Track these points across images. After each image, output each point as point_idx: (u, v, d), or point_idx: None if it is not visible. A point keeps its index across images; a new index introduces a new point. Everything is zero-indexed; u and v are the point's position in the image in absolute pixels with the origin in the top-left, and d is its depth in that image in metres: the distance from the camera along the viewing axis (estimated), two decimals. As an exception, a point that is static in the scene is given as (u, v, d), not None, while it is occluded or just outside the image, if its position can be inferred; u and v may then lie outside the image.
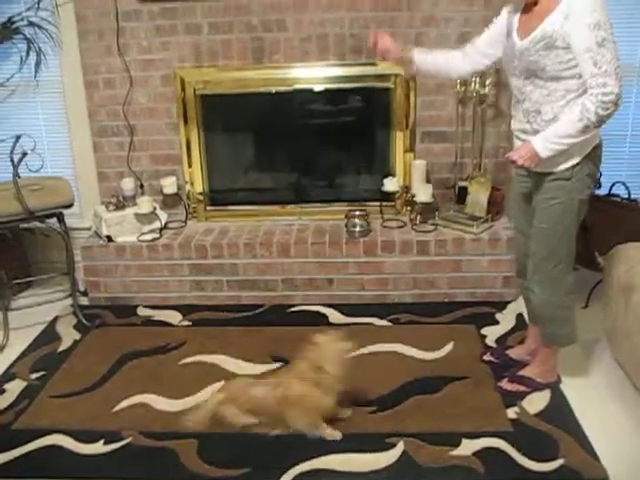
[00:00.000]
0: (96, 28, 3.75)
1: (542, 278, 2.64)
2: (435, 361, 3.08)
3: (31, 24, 3.82)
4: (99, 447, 2.59)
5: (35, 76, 3.94)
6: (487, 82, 3.58)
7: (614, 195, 3.62)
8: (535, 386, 2.81)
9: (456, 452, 2.47)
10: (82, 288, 3.82)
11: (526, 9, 2.45)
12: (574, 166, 2.45)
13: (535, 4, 2.39)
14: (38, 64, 3.90)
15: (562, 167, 2.46)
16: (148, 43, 3.77)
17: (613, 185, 3.60)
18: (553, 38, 2.30)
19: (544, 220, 2.56)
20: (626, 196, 3.58)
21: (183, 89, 3.81)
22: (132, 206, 3.80)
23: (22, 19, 3.82)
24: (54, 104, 4.07)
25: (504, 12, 2.60)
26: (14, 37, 3.84)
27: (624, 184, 3.57)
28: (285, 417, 2.57)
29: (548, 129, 2.40)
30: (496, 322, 3.41)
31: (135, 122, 3.91)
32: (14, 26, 3.81)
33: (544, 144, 2.39)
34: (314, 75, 3.77)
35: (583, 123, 2.29)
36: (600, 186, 3.53)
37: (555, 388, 2.82)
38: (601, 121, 2.29)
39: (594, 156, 2.48)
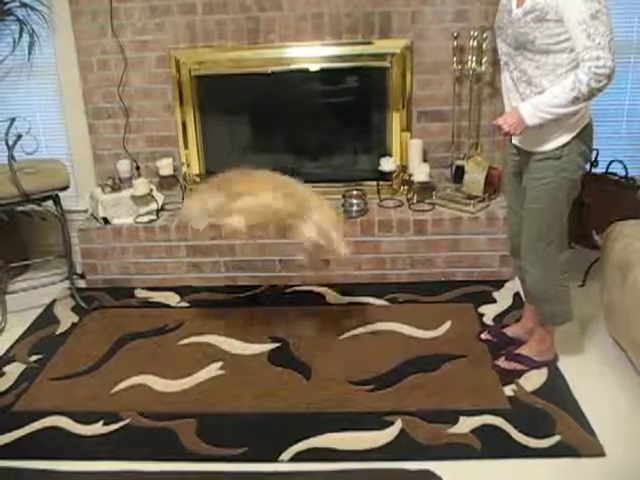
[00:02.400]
0: (89, 9, 3.72)
1: (535, 258, 2.64)
2: (433, 340, 3.09)
3: (23, 5, 3.78)
4: (98, 428, 2.60)
5: (28, 58, 3.91)
6: (483, 60, 3.56)
7: (611, 173, 3.62)
8: (532, 364, 2.82)
9: (454, 430, 2.48)
10: (79, 271, 3.82)
11: None
12: (564, 145, 2.44)
13: None
14: (31, 46, 3.87)
15: (552, 146, 2.45)
16: (142, 24, 3.73)
17: (610, 163, 3.60)
18: (544, 11, 2.27)
19: (535, 200, 2.55)
20: (623, 174, 3.58)
21: (178, 70, 3.78)
22: (128, 188, 3.79)
23: (14, 0, 3.78)
24: (48, 86, 4.05)
25: None
26: (6, 19, 3.81)
27: (621, 162, 3.57)
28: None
29: (537, 97, 2.38)
30: (493, 301, 3.42)
31: (130, 104, 3.89)
32: (6, 7, 3.78)
33: (532, 111, 2.37)
34: (310, 55, 3.74)
35: (574, 94, 2.27)
36: (597, 164, 3.53)
37: (552, 366, 2.84)
38: (591, 94, 2.27)
39: (584, 135, 2.46)
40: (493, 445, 2.40)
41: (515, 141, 2.60)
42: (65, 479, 2.35)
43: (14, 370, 3.04)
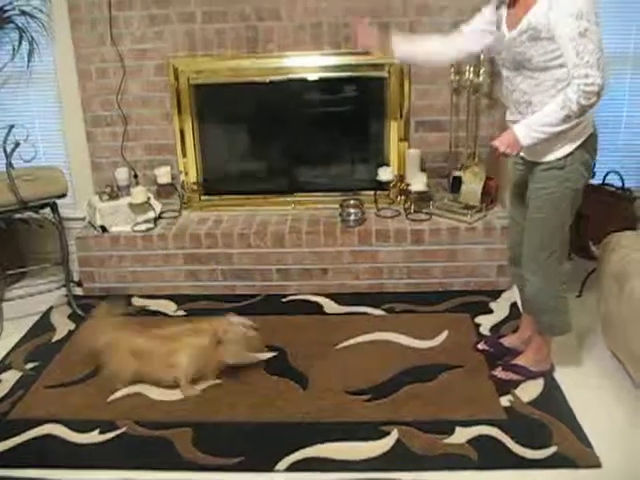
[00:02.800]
0: (89, 17, 3.73)
1: (536, 268, 2.64)
2: (429, 350, 3.09)
3: (23, 13, 3.80)
4: (94, 437, 2.59)
5: (28, 66, 3.92)
6: (481, 71, 3.58)
7: (608, 184, 3.63)
8: (529, 374, 2.82)
9: (450, 440, 2.48)
10: (76, 278, 3.81)
11: (512, 1, 2.43)
12: (567, 155, 2.44)
13: None
14: (30, 53, 3.88)
15: (556, 156, 2.46)
16: (141, 32, 3.75)
17: (607, 174, 3.61)
18: (537, 29, 2.29)
19: (538, 209, 2.56)
20: (620, 185, 3.59)
21: (177, 78, 3.79)
22: (126, 196, 3.79)
23: (14, 8, 3.80)
24: (47, 93, 4.05)
25: (492, 2, 2.59)
26: (6, 26, 3.82)
27: (618, 173, 3.58)
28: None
29: (530, 117, 2.41)
30: (490, 311, 3.42)
31: (129, 112, 3.90)
32: (6, 15, 3.79)
33: (526, 131, 2.39)
34: (308, 64, 3.76)
35: (564, 112, 2.29)
36: (594, 175, 3.54)
37: (549, 376, 2.83)
38: (582, 111, 2.29)
39: (588, 145, 2.47)
40: (489, 456, 2.40)
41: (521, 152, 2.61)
42: (60, 488, 2.35)
43: (10, 378, 3.03)
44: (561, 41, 2.26)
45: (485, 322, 3.31)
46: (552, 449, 2.40)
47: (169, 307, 3.61)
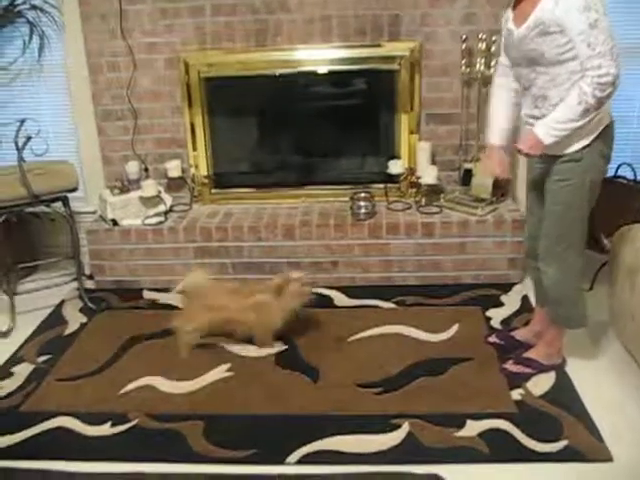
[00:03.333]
0: (99, 11, 3.73)
1: (554, 260, 2.63)
2: (440, 343, 3.09)
3: (34, 7, 3.80)
4: (106, 429, 2.61)
5: (38, 60, 3.94)
6: (492, 63, 3.55)
7: (620, 177, 3.60)
8: (540, 368, 2.81)
9: (461, 433, 2.48)
10: (88, 272, 3.83)
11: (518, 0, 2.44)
12: (585, 147, 2.43)
13: None
14: (41, 48, 3.89)
15: (573, 148, 2.45)
16: (151, 26, 3.75)
17: (619, 167, 3.59)
18: (546, 24, 2.29)
19: (556, 202, 2.55)
20: (632, 178, 3.57)
21: (187, 72, 3.79)
22: (137, 190, 3.80)
23: (24, 2, 3.80)
24: (58, 88, 4.07)
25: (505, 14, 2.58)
26: (17, 20, 3.83)
27: (630, 166, 3.55)
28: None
29: (549, 115, 2.40)
30: (501, 304, 3.41)
31: (139, 105, 3.90)
32: (17, 9, 3.80)
33: (546, 130, 2.39)
34: (318, 57, 3.74)
35: (582, 107, 2.28)
36: (608, 168, 3.52)
37: (560, 370, 2.83)
38: (600, 102, 2.28)
39: (605, 136, 2.46)
40: (500, 449, 2.39)
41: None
42: (73, 480, 2.36)
43: (22, 371, 3.05)
44: (571, 34, 2.25)
45: (496, 315, 3.30)
46: (563, 443, 2.40)
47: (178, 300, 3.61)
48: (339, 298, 3.57)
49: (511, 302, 3.42)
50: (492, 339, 3.06)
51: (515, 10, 2.47)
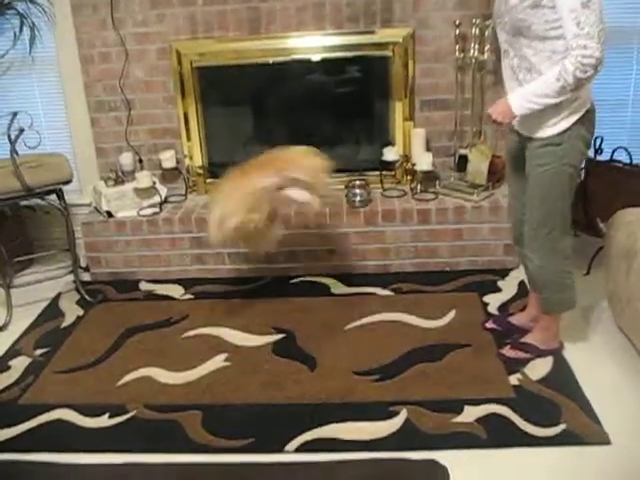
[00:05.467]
0: (90, 1, 3.70)
1: (537, 245, 2.62)
2: (437, 329, 3.09)
3: (24, -1, 3.78)
4: (104, 421, 2.61)
5: (30, 52, 3.91)
6: (486, 48, 3.54)
7: (616, 161, 3.60)
8: (537, 352, 2.82)
9: (459, 419, 2.48)
10: (84, 264, 3.82)
11: None
12: (564, 131, 2.41)
13: None
14: (32, 39, 3.87)
15: (552, 132, 2.43)
16: (143, 16, 3.72)
17: (615, 151, 3.58)
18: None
19: (537, 186, 2.54)
20: (628, 162, 3.56)
21: (179, 62, 3.77)
22: (131, 181, 3.79)
23: (14, -6, 3.78)
24: (50, 80, 4.04)
25: None
26: (7, 12, 3.80)
27: (626, 149, 3.54)
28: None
29: (525, 86, 2.39)
30: (498, 290, 3.41)
31: (132, 96, 3.88)
32: (6, 1, 3.77)
33: (520, 102, 2.38)
34: (311, 45, 3.72)
35: (560, 84, 2.26)
36: (602, 152, 3.52)
37: (557, 354, 2.83)
38: (579, 84, 2.26)
39: (586, 121, 2.44)
40: (498, 434, 2.40)
41: (516, 126, 2.59)
42: (71, 471, 2.36)
43: (20, 364, 3.05)
44: (562, 11, 2.22)
45: (493, 301, 3.31)
46: (561, 427, 2.40)
47: (176, 291, 3.62)
48: (336, 286, 3.56)
49: (508, 287, 3.43)
50: (489, 325, 3.06)
51: None
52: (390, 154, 3.74)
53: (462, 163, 3.77)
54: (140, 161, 3.98)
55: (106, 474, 2.35)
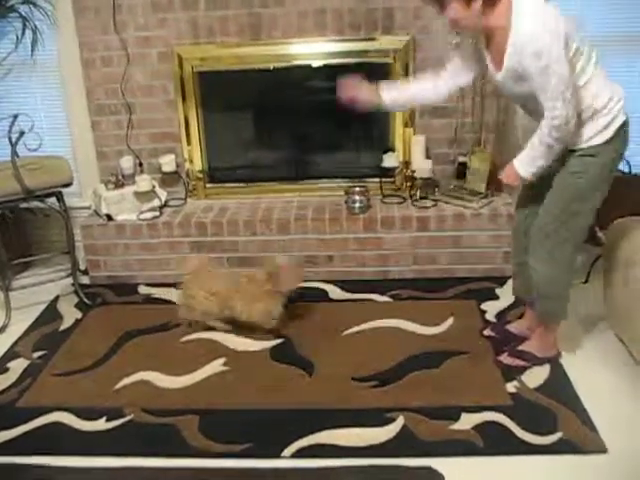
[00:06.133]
0: (92, 5, 3.71)
1: (545, 254, 2.61)
2: (435, 336, 3.09)
3: (26, 2, 3.78)
4: (101, 424, 2.61)
5: (31, 55, 3.91)
6: (487, 56, 3.55)
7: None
8: (535, 360, 2.82)
9: (456, 426, 2.48)
10: (83, 267, 3.82)
11: (487, 42, 2.48)
12: (602, 143, 2.44)
13: (492, 37, 2.43)
14: (34, 42, 3.87)
15: (590, 144, 2.45)
16: (145, 20, 3.73)
17: (614, 159, 3.59)
18: (517, 72, 2.34)
19: (563, 194, 2.53)
20: (627, 171, 3.57)
21: (181, 66, 3.78)
22: (131, 184, 3.79)
23: (17, -3, 3.79)
24: (51, 83, 4.05)
25: (463, 37, 2.65)
26: (9, 15, 3.81)
27: (625, 159, 3.55)
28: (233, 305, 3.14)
29: (522, 152, 2.49)
30: (496, 297, 3.42)
31: (133, 100, 3.89)
32: (9, 4, 3.78)
33: (524, 167, 2.49)
34: (312, 51, 3.73)
35: (544, 146, 2.39)
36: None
37: (555, 362, 2.83)
38: (560, 140, 2.36)
39: (622, 134, 2.47)
40: (495, 442, 2.40)
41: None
42: (68, 474, 2.36)
43: (18, 366, 3.05)
44: (532, 81, 2.31)
45: (491, 308, 3.31)
46: (558, 435, 2.40)
47: (175, 295, 3.61)
48: (334, 292, 3.57)
49: (506, 295, 3.42)
50: (487, 332, 3.07)
51: (488, 49, 2.49)
52: (390, 161, 3.75)
53: (462, 170, 3.78)
54: (140, 165, 3.99)
55: (102, 478, 2.35)
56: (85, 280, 3.80)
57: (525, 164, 2.48)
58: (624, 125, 2.47)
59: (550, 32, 2.24)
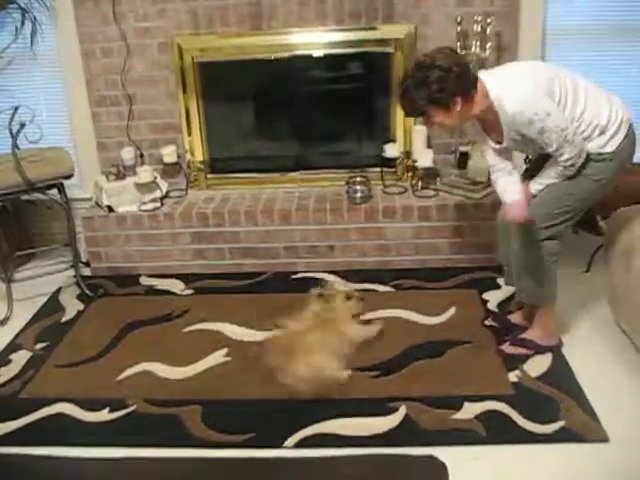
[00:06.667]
0: (91, -4, 3.71)
1: (529, 238, 2.66)
2: (437, 326, 3.10)
3: (26, -7, 3.77)
4: (104, 415, 2.62)
5: (31, 46, 3.90)
6: (487, 45, 3.53)
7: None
8: (536, 349, 2.82)
9: (458, 415, 2.49)
10: (84, 259, 3.82)
11: (483, 125, 2.67)
12: (617, 147, 2.54)
13: (484, 119, 2.60)
14: (34, 34, 3.85)
15: (605, 149, 2.54)
16: (144, 10, 3.72)
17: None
18: (519, 138, 2.52)
19: (568, 189, 2.60)
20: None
21: (181, 57, 3.77)
22: (132, 176, 3.79)
23: (16, -12, 3.77)
24: (51, 74, 4.04)
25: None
26: (8, 6, 3.79)
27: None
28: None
29: (532, 182, 2.67)
30: (498, 287, 3.41)
31: (133, 91, 3.88)
32: (8, -5, 3.77)
33: (534, 186, 2.65)
34: (313, 41, 3.72)
35: (561, 177, 2.57)
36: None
37: (556, 351, 2.84)
38: (575, 167, 2.52)
39: (632, 136, 2.59)
40: (497, 431, 2.41)
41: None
42: (71, 465, 2.37)
43: (20, 358, 3.05)
44: (533, 137, 2.48)
45: (493, 298, 3.31)
46: (560, 424, 2.41)
47: (177, 286, 3.62)
48: (336, 282, 3.56)
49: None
50: (489, 322, 3.07)
51: (486, 131, 2.67)
52: (391, 150, 3.74)
53: (463, 160, 3.77)
54: (141, 156, 3.98)
55: (105, 468, 2.36)
56: (87, 272, 3.81)
57: (535, 183, 2.65)
58: (631, 128, 2.58)
59: (530, 95, 2.40)
